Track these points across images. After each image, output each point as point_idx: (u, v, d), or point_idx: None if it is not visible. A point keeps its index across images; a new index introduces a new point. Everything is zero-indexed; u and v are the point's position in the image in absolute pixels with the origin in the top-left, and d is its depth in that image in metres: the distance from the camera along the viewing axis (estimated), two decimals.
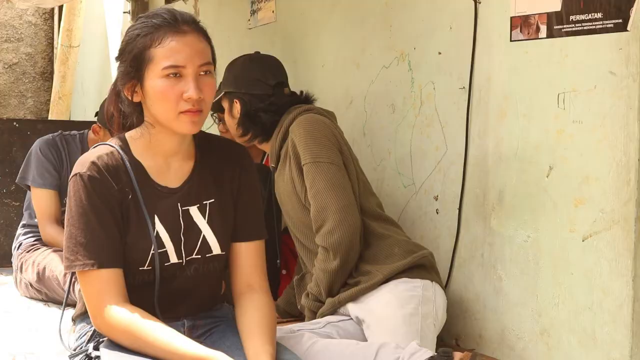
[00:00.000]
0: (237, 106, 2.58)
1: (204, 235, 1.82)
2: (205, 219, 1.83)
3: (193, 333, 1.83)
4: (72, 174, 1.73)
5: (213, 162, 1.87)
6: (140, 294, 1.75)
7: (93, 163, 1.72)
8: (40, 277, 3.02)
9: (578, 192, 2.11)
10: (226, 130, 3.08)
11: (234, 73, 2.64)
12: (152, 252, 1.75)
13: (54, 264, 2.99)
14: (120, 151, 1.77)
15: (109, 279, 1.69)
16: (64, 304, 1.95)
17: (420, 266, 2.32)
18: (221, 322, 1.89)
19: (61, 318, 1.91)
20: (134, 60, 1.73)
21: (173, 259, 1.79)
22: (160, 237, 1.77)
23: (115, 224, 1.72)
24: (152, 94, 1.72)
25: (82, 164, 1.73)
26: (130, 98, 1.77)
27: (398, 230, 2.47)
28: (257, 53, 2.75)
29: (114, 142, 1.80)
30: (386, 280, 2.27)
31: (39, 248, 3.18)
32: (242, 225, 1.89)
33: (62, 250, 3.02)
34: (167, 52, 1.70)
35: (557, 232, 2.18)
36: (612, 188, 2.02)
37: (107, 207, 1.71)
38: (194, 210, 1.82)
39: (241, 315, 1.82)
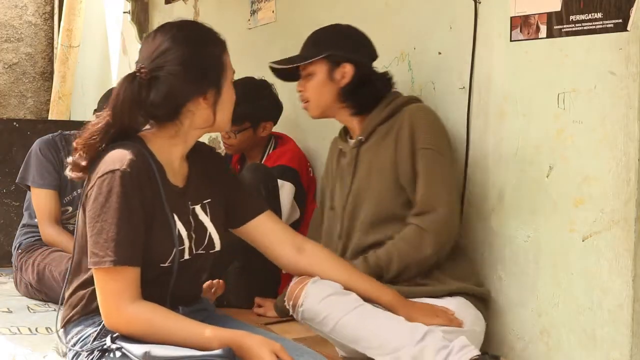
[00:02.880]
0: (349, 69, 2.36)
1: (210, 233, 1.89)
2: (208, 216, 1.90)
3: None
4: (107, 170, 1.71)
5: (199, 164, 1.94)
6: (154, 290, 1.77)
7: (131, 160, 1.72)
8: (40, 277, 3.01)
9: (578, 192, 2.11)
10: (230, 144, 3.10)
11: (335, 36, 2.42)
12: (174, 249, 1.79)
13: (54, 264, 2.98)
14: (144, 150, 1.79)
15: (132, 277, 1.70)
16: (59, 303, 1.94)
17: (484, 300, 2.29)
18: (203, 314, 1.92)
19: (57, 318, 1.91)
20: (213, 68, 1.83)
21: (186, 255, 1.83)
22: (181, 235, 1.82)
23: (143, 222, 1.74)
24: (227, 97, 1.87)
25: (119, 160, 1.72)
26: (207, 105, 1.83)
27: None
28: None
29: (132, 141, 1.81)
30: (453, 294, 2.21)
31: (39, 248, 3.18)
32: (246, 202, 2.01)
33: (62, 250, 3.06)
34: (229, 58, 1.87)
35: (557, 232, 2.18)
36: (612, 188, 2.02)
37: (140, 204, 1.72)
38: (198, 209, 1.89)
39: (319, 268, 2.01)
